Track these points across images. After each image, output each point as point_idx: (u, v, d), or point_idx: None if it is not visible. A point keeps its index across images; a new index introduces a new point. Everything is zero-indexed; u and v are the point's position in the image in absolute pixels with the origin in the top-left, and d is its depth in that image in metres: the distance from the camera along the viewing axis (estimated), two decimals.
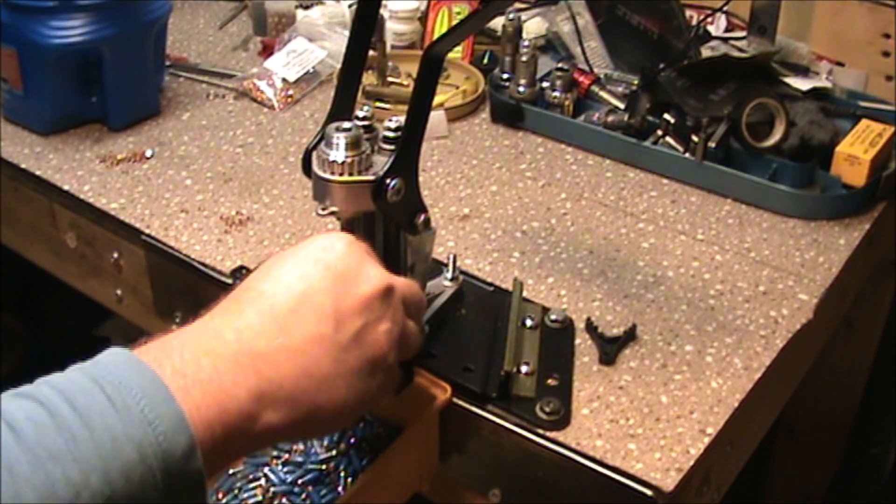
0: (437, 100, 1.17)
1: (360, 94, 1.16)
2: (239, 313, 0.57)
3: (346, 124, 0.68)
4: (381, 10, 1.30)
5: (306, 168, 0.71)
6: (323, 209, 0.68)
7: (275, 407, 0.55)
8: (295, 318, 0.57)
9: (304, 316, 0.58)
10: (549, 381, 0.76)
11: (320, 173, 0.68)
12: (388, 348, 0.62)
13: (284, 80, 1.20)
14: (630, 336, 0.82)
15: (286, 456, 0.78)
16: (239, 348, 0.55)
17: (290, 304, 0.58)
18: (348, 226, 0.74)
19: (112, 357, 0.52)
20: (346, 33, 1.29)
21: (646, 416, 0.74)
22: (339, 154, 0.67)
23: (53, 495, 0.45)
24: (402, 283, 0.65)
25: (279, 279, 0.59)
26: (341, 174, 0.67)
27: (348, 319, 0.59)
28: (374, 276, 0.61)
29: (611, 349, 0.80)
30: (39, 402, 0.48)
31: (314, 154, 0.69)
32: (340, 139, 0.67)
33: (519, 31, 1.19)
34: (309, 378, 0.57)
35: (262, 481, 0.76)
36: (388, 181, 0.66)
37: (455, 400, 0.75)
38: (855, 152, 1.00)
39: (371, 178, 0.67)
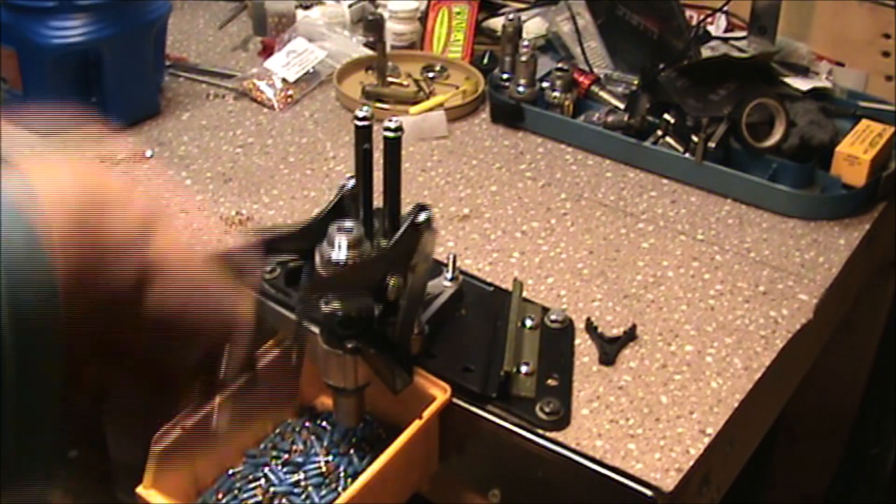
0: (437, 100, 1.18)
1: (360, 95, 1.16)
2: None
3: (348, 224, 0.68)
4: (381, 10, 1.31)
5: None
6: (325, 303, 0.70)
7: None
8: None
9: None
10: (549, 381, 0.76)
11: (321, 272, 0.69)
12: None
13: (284, 80, 1.20)
14: (630, 336, 0.82)
15: (286, 456, 0.78)
16: None
17: None
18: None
19: None
20: (346, 33, 1.30)
21: (645, 417, 0.74)
22: (340, 254, 0.68)
23: None
24: None
25: None
26: (342, 273, 0.68)
27: None
28: None
29: (611, 349, 0.80)
30: None
31: (317, 250, 0.70)
32: (342, 240, 0.68)
33: (519, 31, 1.18)
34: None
35: (262, 482, 0.76)
36: (386, 281, 0.68)
37: (455, 400, 0.75)
38: (855, 152, 1.00)
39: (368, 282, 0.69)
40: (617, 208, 1.00)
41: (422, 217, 0.70)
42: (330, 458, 0.77)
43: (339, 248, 0.68)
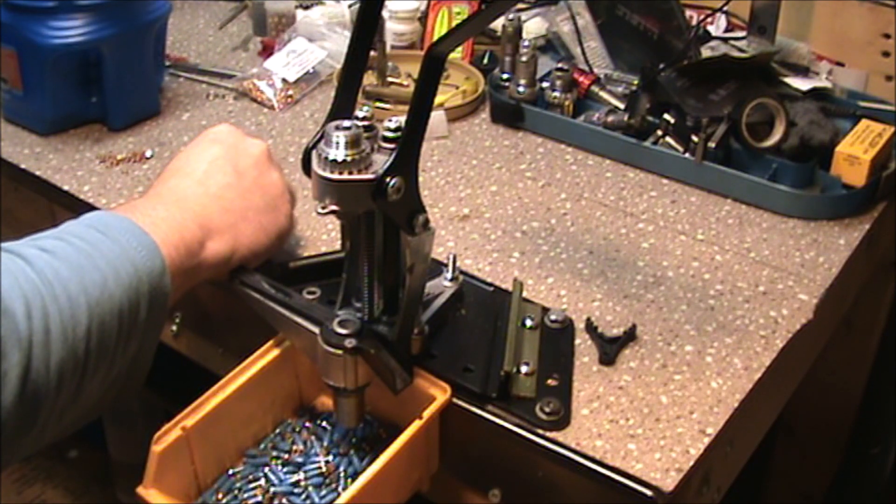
0: (437, 100, 1.17)
1: (360, 94, 1.16)
2: (168, 180, 0.79)
3: (346, 123, 0.68)
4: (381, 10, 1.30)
5: (306, 167, 0.71)
6: (323, 208, 0.68)
7: (212, 235, 0.76)
8: (207, 175, 0.79)
9: (213, 174, 0.80)
10: (549, 381, 0.76)
11: (320, 172, 0.68)
12: (282, 188, 0.84)
13: (284, 80, 1.20)
14: (630, 336, 0.82)
15: (286, 456, 0.78)
16: (177, 198, 0.77)
17: (202, 167, 0.80)
18: (349, 226, 0.74)
19: (93, 213, 0.71)
20: (347, 33, 1.30)
21: (646, 417, 0.74)
22: (338, 153, 0.67)
23: (86, 292, 0.63)
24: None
25: (188, 158, 0.81)
26: (341, 173, 0.67)
27: (245, 171, 0.81)
28: (255, 143, 0.84)
29: (611, 349, 0.80)
30: (57, 237, 0.66)
31: (314, 153, 0.69)
32: (340, 138, 0.67)
33: (519, 31, 1.18)
34: (229, 213, 0.78)
35: (262, 482, 0.76)
36: (388, 180, 0.66)
37: (455, 400, 0.75)
38: (855, 152, 1.00)
39: (371, 176, 0.67)
40: (617, 208, 1.00)
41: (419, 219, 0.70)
42: (330, 458, 0.77)
43: (336, 147, 0.67)
